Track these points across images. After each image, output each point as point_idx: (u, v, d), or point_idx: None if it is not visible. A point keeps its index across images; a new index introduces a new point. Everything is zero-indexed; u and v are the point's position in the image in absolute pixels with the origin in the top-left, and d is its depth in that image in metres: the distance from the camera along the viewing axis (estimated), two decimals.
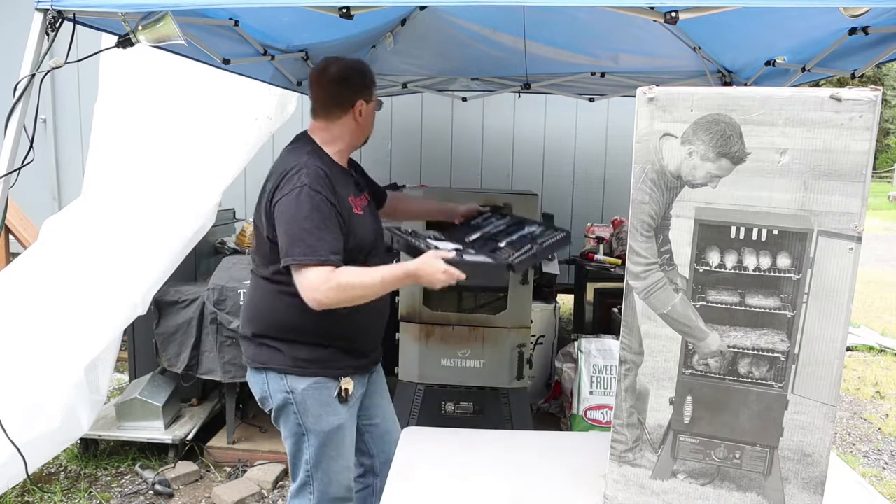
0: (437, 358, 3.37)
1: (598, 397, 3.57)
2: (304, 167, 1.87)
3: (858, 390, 5.03)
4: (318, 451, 2.01)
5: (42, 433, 2.83)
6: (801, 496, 1.34)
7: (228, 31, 2.51)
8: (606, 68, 3.77)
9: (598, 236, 4.62)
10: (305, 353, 1.96)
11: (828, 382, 1.31)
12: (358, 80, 2.04)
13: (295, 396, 1.96)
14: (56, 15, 1.71)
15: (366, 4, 2.00)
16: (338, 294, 1.80)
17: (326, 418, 1.99)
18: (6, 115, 1.72)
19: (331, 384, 1.98)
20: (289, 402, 1.97)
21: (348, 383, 2.00)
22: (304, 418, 1.98)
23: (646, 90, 1.31)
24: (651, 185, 1.33)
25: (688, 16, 1.76)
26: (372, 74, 2.10)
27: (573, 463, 1.69)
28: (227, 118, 3.35)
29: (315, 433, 1.99)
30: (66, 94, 5.18)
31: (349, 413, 2.05)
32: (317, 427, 1.98)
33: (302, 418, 1.98)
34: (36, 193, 5.04)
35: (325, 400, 1.98)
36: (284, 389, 1.96)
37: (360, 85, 2.04)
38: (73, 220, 3.11)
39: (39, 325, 2.84)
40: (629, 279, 1.38)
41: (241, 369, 3.32)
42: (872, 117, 1.21)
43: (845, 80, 2.59)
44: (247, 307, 2.12)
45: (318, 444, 2.00)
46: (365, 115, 2.06)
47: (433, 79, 4.22)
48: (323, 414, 1.98)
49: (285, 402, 1.97)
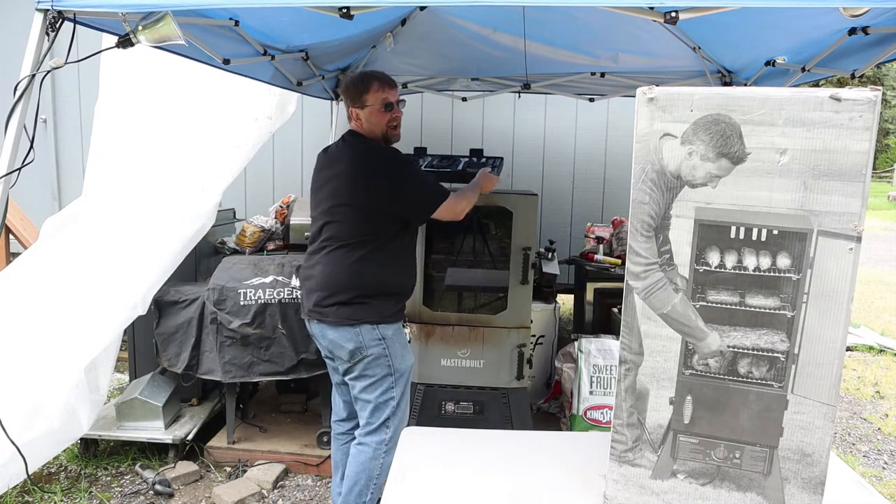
0: (438, 358, 3.37)
1: (598, 397, 3.57)
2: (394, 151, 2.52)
3: (858, 390, 5.03)
4: (403, 389, 2.51)
5: (42, 433, 2.83)
6: (800, 496, 1.34)
7: (228, 31, 2.51)
8: (606, 68, 3.78)
9: (598, 236, 4.62)
10: (389, 305, 2.47)
11: (828, 382, 1.31)
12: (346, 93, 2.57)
13: (387, 342, 2.43)
14: (56, 15, 1.71)
15: (366, 4, 2.00)
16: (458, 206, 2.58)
17: (406, 357, 2.54)
18: (6, 115, 1.72)
19: (404, 329, 2.59)
20: (383, 347, 2.42)
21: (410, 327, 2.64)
22: (394, 360, 2.46)
23: (646, 90, 1.31)
24: (651, 185, 1.33)
25: (688, 16, 1.76)
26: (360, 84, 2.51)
27: (573, 463, 1.69)
28: (227, 118, 3.35)
29: (400, 371, 2.49)
30: (66, 94, 5.18)
31: None
32: (402, 366, 2.49)
33: (392, 360, 2.45)
34: (36, 193, 5.04)
35: (404, 342, 2.55)
36: (378, 337, 2.42)
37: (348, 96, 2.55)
38: (73, 220, 3.11)
39: (39, 325, 2.84)
40: (629, 279, 1.38)
41: (241, 369, 3.33)
42: (872, 117, 1.21)
43: (845, 80, 2.59)
44: (330, 278, 2.46)
45: (403, 381, 2.51)
46: (365, 119, 2.52)
47: (433, 79, 4.22)
48: (404, 354, 2.52)
49: (380, 347, 2.42)
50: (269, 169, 4.97)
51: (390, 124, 2.51)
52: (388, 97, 2.49)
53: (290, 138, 4.92)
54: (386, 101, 2.48)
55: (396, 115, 2.52)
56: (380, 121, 2.49)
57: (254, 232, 3.79)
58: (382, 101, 2.48)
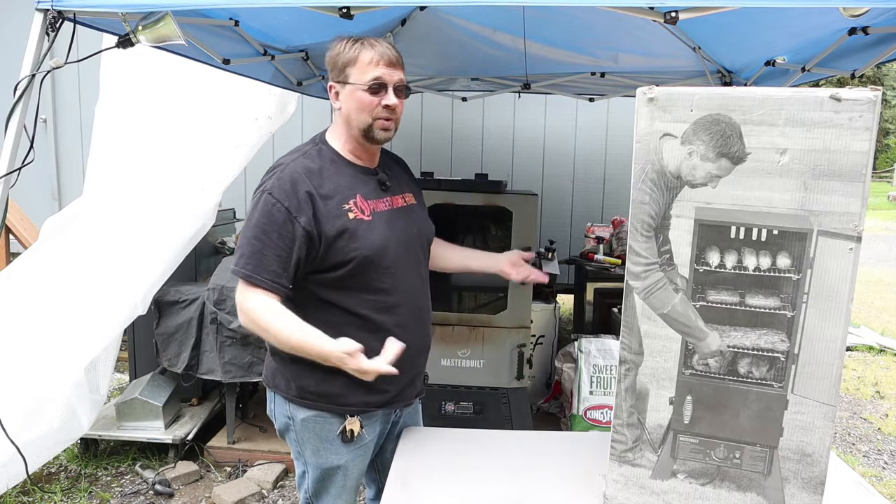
0: (437, 358, 3.37)
1: (598, 397, 3.57)
2: (281, 170, 1.68)
3: (858, 390, 5.03)
4: (317, 485, 1.83)
5: (42, 433, 2.83)
6: (800, 496, 1.34)
7: (228, 31, 2.51)
8: (606, 68, 3.77)
9: (598, 236, 4.63)
10: (311, 383, 1.73)
11: (828, 382, 1.31)
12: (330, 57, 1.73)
13: (295, 425, 1.78)
14: (56, 15, 1.71)
15: (366, 4, 2.00)
16: (248, 323, 1.64)
17: (326, 455, 1.78)
18: (6, 115, 1.72)
19: (334, 420, 1.75)
20: (290, 427, 1.80)
21: (354, 423, 1.75)
22: (303, 449, 1.80)
23: (646, 90, 1.31)
24: (651, 185, 1.33)
25: (688, 16, 1.76)
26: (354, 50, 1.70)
27: (573, 463, 1.69)
28: (227, 118, 3.35)
29: (313, 466, 1.81)
30: (66, 94, 5.18)
31: (355, 454, 1.81)
32: (315, 461, 1.80)
33: (301, 447, 1.81)
34: (36, 193, 5.04)
35: (326, 436, 1.77)
36: (286, 414, 1.79)
37: (332, 64, 1.73)
38: (74, 220, 3.11)
39: (39, 324, 2.84)
40: (629, 279, 1.38)
41: (241, 369, 3.33)
42: (872, 117, 1.21)
43: (845, 80, 2.59)
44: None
45: (316, 478, 1.82)
46: (344, 102, 1.72)
47: (433, 79, 4.22)
48: (322, 450, 1.78)
49: (287, 427, 1.81)
50: None
51: (378, 115, 1.69)
52: (384, 76, 1.69)
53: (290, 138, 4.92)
54: (378, 80, 1.68)
55: (391, 103, 1.70)
56: (363, 107, 1.69)
57: None
58: (373, 80, 1.67)
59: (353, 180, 1.75)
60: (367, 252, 1.68)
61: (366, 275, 1.69)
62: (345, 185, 1.72)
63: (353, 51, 1.69)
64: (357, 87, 1.69)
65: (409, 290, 1.79)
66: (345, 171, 1.75)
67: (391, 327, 1.71)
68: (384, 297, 1.73)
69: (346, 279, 1.68)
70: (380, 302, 1.73)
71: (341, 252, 1.66)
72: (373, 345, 1.60)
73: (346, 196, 1.70)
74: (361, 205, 1.72)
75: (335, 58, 1.72)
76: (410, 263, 1.81)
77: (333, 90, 1.74)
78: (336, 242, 1.65)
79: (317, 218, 1.64)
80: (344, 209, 1.68)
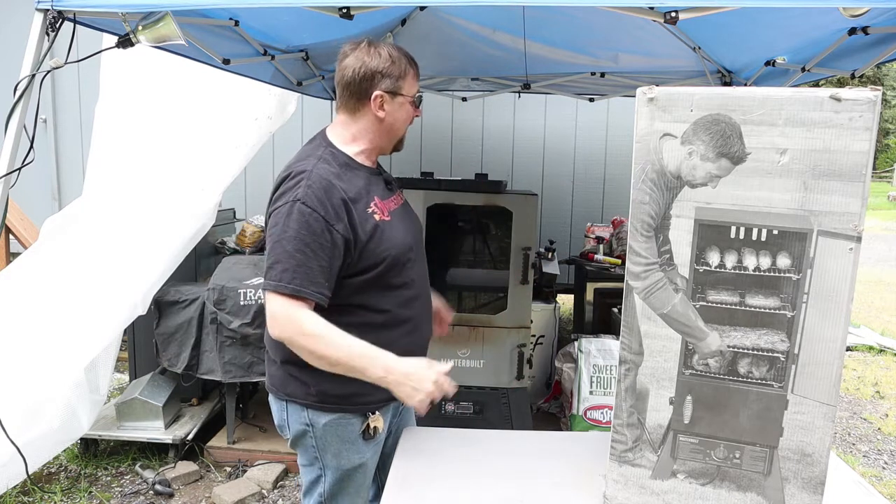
0: (437, 358, 3.36)
1: (598, 397, 3.57)
2: (307, 177, 1.62)
3: (858, 390, 5.03)
4: (334, 488, 1.82)
5: (42, 433, 2.83)
6: (800, 496, 1.34)
7: (228, 31, 2.51)
8: (606, 68, 3.78)
9: (598, 236, 4.63)
10: (334, 387, 1.69)
11: (828, 382, 1.31)
12: (382, 66, 1.70)
13: (315, 430, 1.75)
14: (56, 15, 1.71)
15: (366, 4, 2.00)
16: (296, 338, 1.59)
17: (348, 456, 1.78)
18: (6, 115, 1.72)
19: (356, 420, 1.75)
20: (308, 434, 1.76)
21: (377, 420, 1.76)
22: (323, 454, 1.78)
23: (646, 90, 1.31)
24: (651, 185, 1.33)
25: (688, 16, 1.76)
26: (404, 63, 1.73)
27: (573, 463, 1.69)
28: (227, 118, 3.35)
29: (333, 469, 1.79)
30: (66, 94, 5.18)
31: (374, 450, 1.84)
32: (335, 464, 1.79)
33: (320, 453, 1.78)
34: (36, 193, 5.04)
35: (349, 437, 1.76)
36: (303, 422, 1.75)
37: (382, 73, 1.69)
38: (73, 220, 3.11)
39: (39, 325, 2.84)
40: (629, 279, 1.38)
41: (241, 369, 3.33)
42: (872, 117, 1.21)
43: (845, 80, 2.59)
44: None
45: (335, 480, 1.81)
46: (391, 112, 1.74)
47: (433, 79, 4.22)
48: (344, 451, 1.77)
49: (303, 433, 1.77)
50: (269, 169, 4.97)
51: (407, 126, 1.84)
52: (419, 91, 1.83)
53: (290, 138, 4.93)
54: (420, 95, 1.83)
55: (417, 115, 1.84)
56: (406, 119, 1.80)
57: (254, 232, 3.79)
58: (417, 94, 1.80)
59: (368, 182, 1.76)
60: (395, 251, 1.71)
61: (391, 273, 1.72)
62: (363, 188, 1.72)
63: (405, 64, 1.74)
64: (407, 100, 1.76)
65: (423, 282, 1.87)
66: (359, 173, 1.75)
67: (412, 318, 1.79)
68: (405, 290, 1.77)
69: (375, 279, 1.70)
70: (402, 296, 1.76)
71: (373, 255, 1.67)
72: (396, 339, 1.68)
73: (368, 199, 1.72)
74: (380, 206, 1.74)
75: (389, 68, 1.71)
76: (420, 256, 1.88)
77: (379, 100, 1.71)
78: (368, 245, 1.66)
79: (352, 224, 1.64)
80: (369, 212, 1.70)
